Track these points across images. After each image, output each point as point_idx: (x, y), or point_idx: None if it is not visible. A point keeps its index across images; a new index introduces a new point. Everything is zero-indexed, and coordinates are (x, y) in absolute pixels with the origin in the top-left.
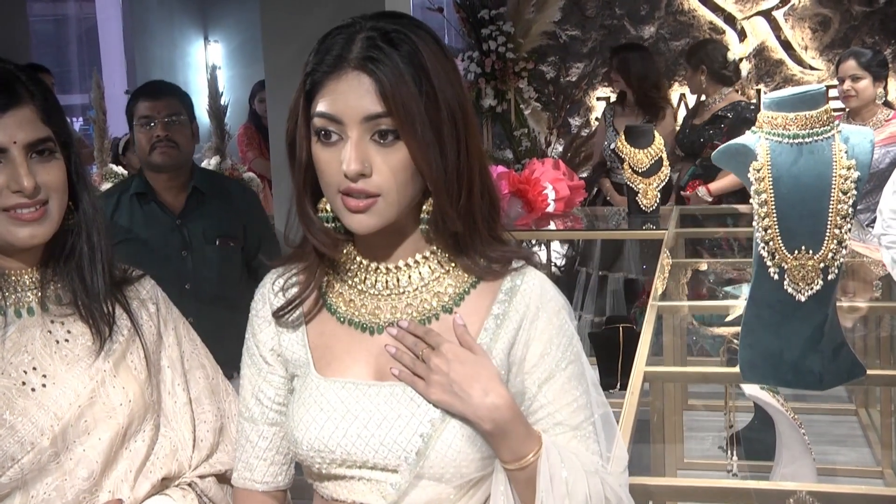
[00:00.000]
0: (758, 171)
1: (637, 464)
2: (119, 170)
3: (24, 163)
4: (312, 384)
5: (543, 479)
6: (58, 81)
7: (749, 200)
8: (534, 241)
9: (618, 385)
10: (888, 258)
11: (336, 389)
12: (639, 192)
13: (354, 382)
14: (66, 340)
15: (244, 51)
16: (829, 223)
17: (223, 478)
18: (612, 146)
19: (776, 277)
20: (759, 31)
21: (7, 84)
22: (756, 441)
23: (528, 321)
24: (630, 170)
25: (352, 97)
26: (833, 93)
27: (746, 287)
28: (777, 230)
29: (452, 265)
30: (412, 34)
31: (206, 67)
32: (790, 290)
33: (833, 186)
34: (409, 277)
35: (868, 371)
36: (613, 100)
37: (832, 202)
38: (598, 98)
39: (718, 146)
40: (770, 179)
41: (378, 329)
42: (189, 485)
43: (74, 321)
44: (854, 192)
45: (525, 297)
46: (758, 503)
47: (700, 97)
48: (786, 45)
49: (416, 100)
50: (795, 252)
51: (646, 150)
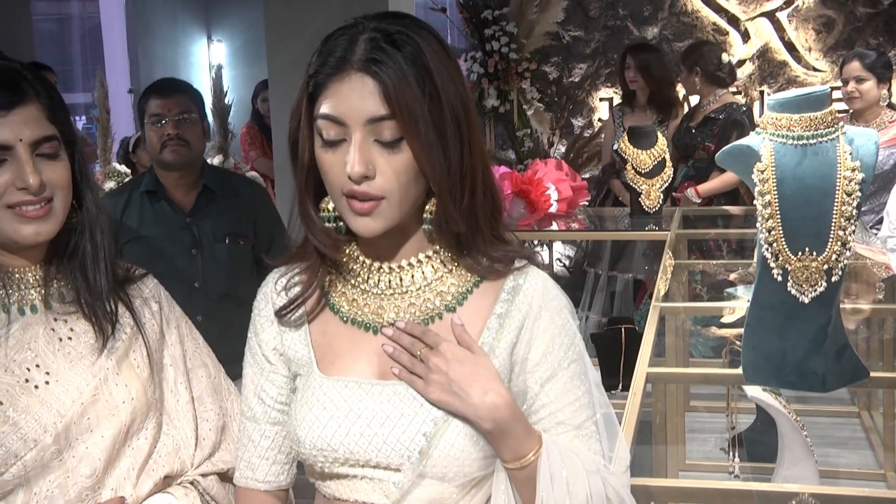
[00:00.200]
0: (762, 173)
1: (639, 465)
2: (122, 168)
3: (30, 160)
4: (315, 383)
5: (543, 479)
6: (61, 80)
7: (739, 202)
8: (536, 242)
9: (620, 386)
10: (895, 261)
11: (339, 388)
12: (641, 193)
13: (357, 381)
14: (69, 338)
15: (247, 50)
16: (833, 225)
17: (225, 476)
18: (615, 147)
19: (779, 279)
20: (763, 33)
21: (13, 82)
22: (758, 443)
23: (531, 320)
24: (633, 170)
25: (355, 99)
26: (837, 94)
27: (745, 288)
28: (781, 232)
29: (455, 265)
30: (415, 35)
31: (210, 67)
32: (793, 292)
33: (837, 188)
34: (412, 277)
35: (871, 373)
36: (618, 101)
37: (836, 204)
38: (601, 99)
39: (709, 148)
40: (774, 181)
41: (381, 328)
42: (191, 483)
43: (77, 319)
44: (858, 194)
45: (527, 297)
46: None
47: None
48: (789, 47)
49: (420, 101)
50: (799, 254)
51: (649, 151)
